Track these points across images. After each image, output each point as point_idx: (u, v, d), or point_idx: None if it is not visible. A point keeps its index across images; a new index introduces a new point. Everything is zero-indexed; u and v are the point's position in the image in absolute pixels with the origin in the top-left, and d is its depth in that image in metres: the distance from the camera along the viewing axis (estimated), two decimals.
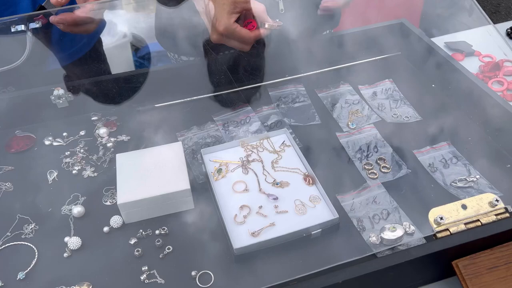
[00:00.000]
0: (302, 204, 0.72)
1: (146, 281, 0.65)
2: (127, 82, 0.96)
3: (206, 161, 0.81)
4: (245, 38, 0.80)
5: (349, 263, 0.59)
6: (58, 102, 0.90)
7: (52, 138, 0.89)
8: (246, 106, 0.94)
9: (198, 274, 0.65)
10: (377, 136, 0.86)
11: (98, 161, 0.84)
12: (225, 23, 0.78)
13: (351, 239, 0.69)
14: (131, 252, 0.68)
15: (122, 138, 0.88)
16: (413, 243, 0.64)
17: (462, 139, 0.84)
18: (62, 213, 0.75)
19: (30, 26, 0.87)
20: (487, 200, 0.64)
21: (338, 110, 0.93)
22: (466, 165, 0.79)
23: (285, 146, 0.84)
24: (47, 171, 0.82)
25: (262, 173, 0.79)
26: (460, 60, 1.09)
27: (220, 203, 0.73)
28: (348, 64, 1.04)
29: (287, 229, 0.67)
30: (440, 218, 0.61)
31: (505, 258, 0.61)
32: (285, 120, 0.91)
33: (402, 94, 0.96)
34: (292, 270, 0.65)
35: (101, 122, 0.92)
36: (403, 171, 0.79)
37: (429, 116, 0.91)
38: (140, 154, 0.79)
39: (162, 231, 0.71)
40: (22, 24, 0.86)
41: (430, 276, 0.65)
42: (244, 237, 0.68)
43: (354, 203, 0.74)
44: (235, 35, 0.79)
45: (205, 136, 0.88)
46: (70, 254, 0.69)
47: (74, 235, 0.71)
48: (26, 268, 0.67)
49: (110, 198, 0.77)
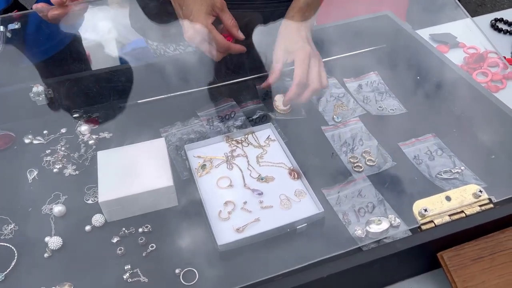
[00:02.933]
0: (287, 198, 0.72)
1: (129, 280, 0.63)
2: (108, 78, 0.95)
3: (190, 157, 0.79)
4: (219, 43, 0.80)
5: (335, 257, 0.58)
6: (38, 99, 0.88)
7: (32, 136, 0.86)
8: (231, 101, 0.93)
9: (182, 272, 0.64)
10: (363, 129, 0.86)
11: (80, 159, 0.82)
12: (202, 21, 0.78)
13: (336, 233, 0.69)
14: (114, 251, 0.67)
15: (104, 135, 0.87)
16: (399, 235, 0.64)
17: (447, 130, 0.84)
18: (43, 213, 0.73)
19: (9, 27, 0.85)
20: (471, 192, 0.64)
21: (324, 104, 0.92)
22: (451, 157, 0.79)
23: (270, 140, 0.83)
24: (27, 170, 0.80)
25: (247, 168, 0.78)
26: (445, 52, 1.09)
27: (204, 199, 0.72)
28: (333, 57, 1.03)
29: (272, 224, 0.67)
30: (424, 210, 0.61)
31: (490, 248, 0.61)
32: (270, 114, 0.90)
33: (387, 87, 0.96)
34: (277, 266, 0.64)
35: (83, 119, 0.90)
36: (388, 164, 0.78)
37: (414, 108, 0.90)
38: (122, 151, 0.77)
39: (145, 229, 0.70)
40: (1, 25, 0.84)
41: (416, 268, 0.64)
42: (228, 233, 0.67)
43: (339, 197, 0.73)
44: (210, 36, 0.79)
45: (189, 132, 0.87)
46: (50, 254, 0.67)
47: (54, 235, 0.69)
48: (6, 269, 0.65)
49: (92, 196, 0.75)
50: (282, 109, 0.90)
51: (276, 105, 0.91)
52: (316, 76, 0.81)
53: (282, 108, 0.90)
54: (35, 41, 1.00)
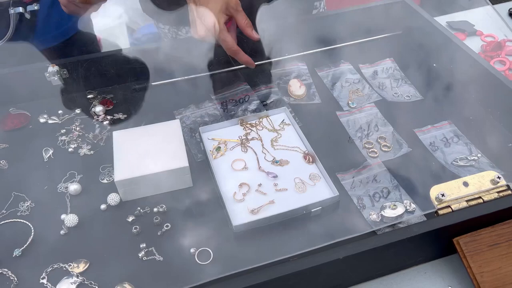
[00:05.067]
0: (302, 182, 0.72)
1: (144, 258, 0.64)
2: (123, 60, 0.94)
3: (204, 140, 0.79)
4: (228, 46, 0.77)
5: (349, 240, 0.58)
6: (53, 79, 0.88)
7: (47, 116, 0.87)
8: (245, 85, 0.93)
9: (197, 251, 0.64)
10: (378, 115, 0.85)
11: (95, 139, 0.83)
12: (215, 19, 0.75)
13: (351, 217, 0.69)
14: (129, 229, 0.67)
15: (118, 116, 0.87)
16: (414, 220, 0.64)
17: (464, 118, 0.83)
18: (59, 191, 0.74)
19: (28, 9, 0.84)
20: (488, 178, 0.64)
21: (339, 89, 0.91)
22: (467, 144, 0.78)
23: (285, 124, 0.82)
24: (43, 149, 0.81)
25: (262, 151, 0.78)
26: (462, 40, 1.07)
27: (219, 181, 0.72)
28: (349, 43, 1.02)
29: (286, 206, 0.67)
30: (441, 195, 0.61)
31: (507, 235, 0.60)
32: (284, 99, 0.90)
33: (403, 73, 0.95)
34: (291, 248, 0.64)
35: (97, 100, 0.90)
36: (403, 150, 0.78)
37: (430, 95, 0.89)
38: (138, 132, 0.77)
39: (161, 209, 0.70)
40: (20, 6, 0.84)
41: (431, 253, 0.64)
42: (243, 215, 0.67)
43: (354, 182, 0.73)
44: (220, 36, 0.76)
45: (203, 115, 0.87)
46: (67, 232, 0.68)
47: (70, 213, 0.70)
48: (23, 245, 0.66)
49: (107, 176, 0.76)
50: (296, 94, 0.89)
51: (290, 90, 0.90)
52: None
53: (296, 93, 0.89)
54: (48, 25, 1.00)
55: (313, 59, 0.99)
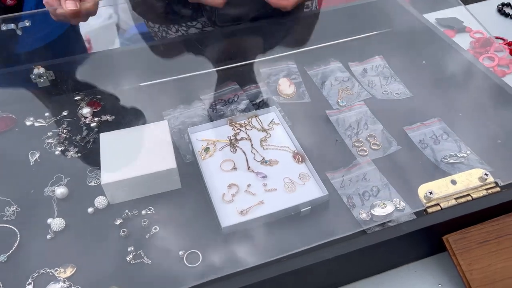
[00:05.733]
0: (291, 181, 0.71)
1: (132, 262, 0.63)
2: (110, 60, 0.93)
3: (193, 140, 0.79)
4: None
5: (339, 239, 0.58)
6: (39, 81, 0.87)
7: (33, 119, 0.86)
8: (234, 84, 0.92)
9: (186, 254, 0.63)
10: (367, 113, 0.85)
11: (82, 142, 0.81)
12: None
13: (341, 216, 0.68)
14: (117, 233, 0.66)
15: (106, 117, 0.86)
16: (404, 219, 0.64)
17: (453, 115, 0.83)
18: (45, 195, 0.73)
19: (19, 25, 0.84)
20: (476, 176, 0.63)
21: (328, 88, 0.91)
22: (456, 141, 0.78)
23: (274, 124, 0.82)
24: (29, 152, 0.79)
25: (251, 151, 0.77)
26: (452, 37, 1.08)
27: (208, 182, 0.71)
28: (338, 41, 1.02)
29: (276, 207, 0.66)
30: (429, 193, 0.60)
31: (496, 232, 0.60)
32: (274, 98, 0.89)
33: (393, 71, 0.95)
34: (281, 248, 0.63)
35: (85, 101, 0.89)
36: (393, 148, 0.77)
37: (420, 92, 0.89)
38: (125, 133, 0.76)
39: (149, 211, 0.69)
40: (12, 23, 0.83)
41: (421, 252, 0.64)
42: (232, 216, 0.67)
43: (344, 180, 0.72)
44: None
45: (192, 115, 0.86)
46: (53, 236, 0.67)
47: (57, 217, 0.69)
48: (8, 250, 0.65)
49: (95, 178, 0.75)
50: (286, 93, 0.89)
51: (280, 89, 0.89)
52: None
53: (286, 92, 0.89)
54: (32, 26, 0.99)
55: (303, 58, 0.98)
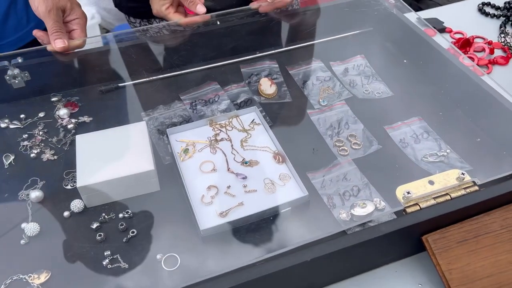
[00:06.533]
0: (271, 182, 0.70)
1: (109, 266, 0.62)
2: (88, 60, 0.92)
3: (172, 141, 0.77)
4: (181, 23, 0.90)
5: (319, 240, 0.57)
6: (14, 82, 0.85)
7: (8, 121, 0.83)
8: (215, 84, 0.91)
9: (164, 257, 0.62)
10: (349, 113, 0.84)
11: (59, 144, 0.80)
12: (156, 8, 0.90)
13: (321, 216, 0.68)
14: (93, 237, 0.65)
15: (84, 119, 0.84)
16: (384, 219, 0.63)
17: (433, 113, 0.83)
18: (19, 199, 0.71)
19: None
20: (454, 176, 0.64)
21: (309, 87, 0.90)
22: (437, 140, 0.78)
23: (255, 124, 0.81)
24: (3, 155, 0.77)
25: (231, 152, 0.76)
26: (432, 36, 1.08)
27: (187, 184, 0.70)
28: (320, 40, 1.01)
29: (256, 208, 0.65)
30: (407, 192, 0.60)
31: (475, 231, 0.60)
32: (255, 98, 0.88)
33: (374, 70, 0.95)
34: (261, 250, 0.63)
35: (62, 103, 0.87)
36: (374, 147, 0.77)
37: (401, 91, 0.89)
38: (102, 135, 0.75)
39: (126, 215, 0.68)
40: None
41: (401, 252, 0.64)
42: (211, 218, 0.66)
43: (324, 180, 0.72)
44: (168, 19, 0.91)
45: (172, 116, 0.85)
46: (27, 241, 0.65)
47: (32, 221, 0.67)
48: None
49: (71, 181, 0.73)
50: (267, 93, 0.88)
51: (261, 89, 0.89)
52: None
53: (267, 92, 0.88)
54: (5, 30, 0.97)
55: (284, 57, 0.98)
